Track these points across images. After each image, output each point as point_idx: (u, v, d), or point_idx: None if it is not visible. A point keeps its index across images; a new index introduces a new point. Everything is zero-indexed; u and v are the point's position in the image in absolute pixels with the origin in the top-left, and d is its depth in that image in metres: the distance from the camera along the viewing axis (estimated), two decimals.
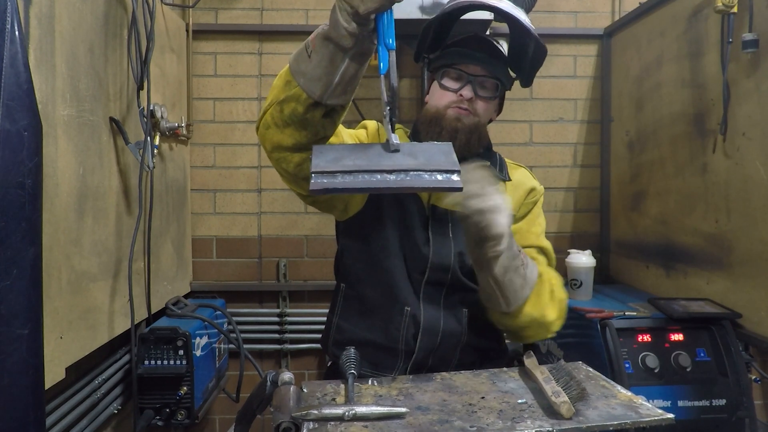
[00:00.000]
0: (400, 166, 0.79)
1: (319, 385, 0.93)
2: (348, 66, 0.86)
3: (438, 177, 0.79)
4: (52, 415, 1.34)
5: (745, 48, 1.44)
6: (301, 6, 2.26)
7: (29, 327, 0.91)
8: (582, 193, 2.35)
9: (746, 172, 1.49)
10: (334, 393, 0.89)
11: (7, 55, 0.90)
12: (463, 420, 0.78)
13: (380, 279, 1.19)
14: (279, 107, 0.93)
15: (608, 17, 2.32)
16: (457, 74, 1.20)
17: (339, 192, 0.79)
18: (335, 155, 0.81)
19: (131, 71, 1.60)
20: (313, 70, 0.87)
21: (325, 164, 0.79)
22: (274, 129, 0.96)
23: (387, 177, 0.78)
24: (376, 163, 0.79)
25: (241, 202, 2.28)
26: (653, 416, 0.77)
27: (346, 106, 0.95)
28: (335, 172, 0.78)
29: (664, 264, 1.88)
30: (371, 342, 1.18)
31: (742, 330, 1.51)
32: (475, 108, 1.18)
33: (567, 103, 2.33)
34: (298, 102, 0.90)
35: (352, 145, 0.87)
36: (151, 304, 1.75)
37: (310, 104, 0.90)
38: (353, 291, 1.23)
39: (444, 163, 0.80)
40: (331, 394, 0.89)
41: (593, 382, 0.92)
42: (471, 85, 1.18)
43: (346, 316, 1.24)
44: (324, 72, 0.86)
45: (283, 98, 0.92)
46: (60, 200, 1.24)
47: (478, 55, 1.20)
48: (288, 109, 0.92)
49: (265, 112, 0.98)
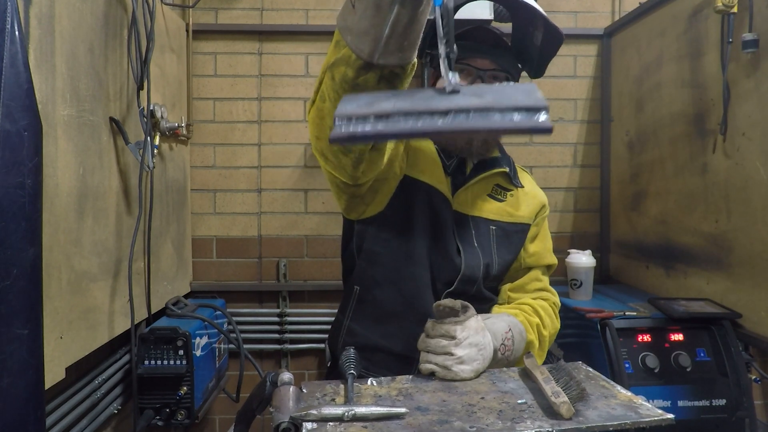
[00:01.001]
0: (459, 106, 0.56)
1: (319, 385, 0.92)
2: (399, 13, 0.69)
3: (515, 117, 0.58)
4: (52, 415, 1.34)
5: (745, 48, 1.44)
6: (301, 6, 2.26)
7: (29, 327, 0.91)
8: (582, 193, 2.35)
9: (746, 172, 1.49)
10: (334, 393, 0.89)
11: (7, 55, 0.90)
12: (463, 420, 0.78)
13: (402, 286, 1.15)
14: (330, 73, 0.79)
15: (608, 17, 2.32)
16: (465, 69, 1.14)
17: (368, 139, 0.61)
18: (369, 99, 0.61)
19: (131, 71, 1.60)
20: (359, 22, 0.72)
21: (355, 108, 0.59)
22: (330, 104, 0.82)
23: (437, 120, 0.56)
24: (425, 105, 0.57)
25: (241, 202, 2.28)
26: (653, 416, 0.77)
27: (407, 68, 0.77)
28: (366, 115, 0.58)
29: (664, 264, 1.88)
30: (386, 349, 1.16)
31: (742, 330, 1.51)
32: None
33: (567, 103, 2.33)
34: (347, 65, 0.76)
35: (393, 91, 0.70)
36: (151, 304, 1.75)
37: (361, 66, 0.75)
38: (369, 295, 1.19)
39: (524, 99, 0.60)
40: (330, 394, 0.89)
41: (593, 382, 0.92)
42: (481, 81, 1.13)
43: (359, 319, 1.21)
44: (371, 24, 0.70)
45: (333, 62, 0.78)
46: (60, 200, 1.24)
47: (485, 47, 1.15)
48: (339, 74, 0.78)
49: (318, 86, 0.85)
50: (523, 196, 1.25)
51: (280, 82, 2.27)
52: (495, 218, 1.21)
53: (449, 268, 1.14)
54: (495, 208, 1.22)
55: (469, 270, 1.15)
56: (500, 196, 1.23)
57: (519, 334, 1.09)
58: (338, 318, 1.26)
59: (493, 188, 1.23)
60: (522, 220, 1.24)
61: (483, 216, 1.20)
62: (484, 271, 1.17)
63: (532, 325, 1.15)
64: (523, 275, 1.27)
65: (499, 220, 1.21)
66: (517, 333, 1.08)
